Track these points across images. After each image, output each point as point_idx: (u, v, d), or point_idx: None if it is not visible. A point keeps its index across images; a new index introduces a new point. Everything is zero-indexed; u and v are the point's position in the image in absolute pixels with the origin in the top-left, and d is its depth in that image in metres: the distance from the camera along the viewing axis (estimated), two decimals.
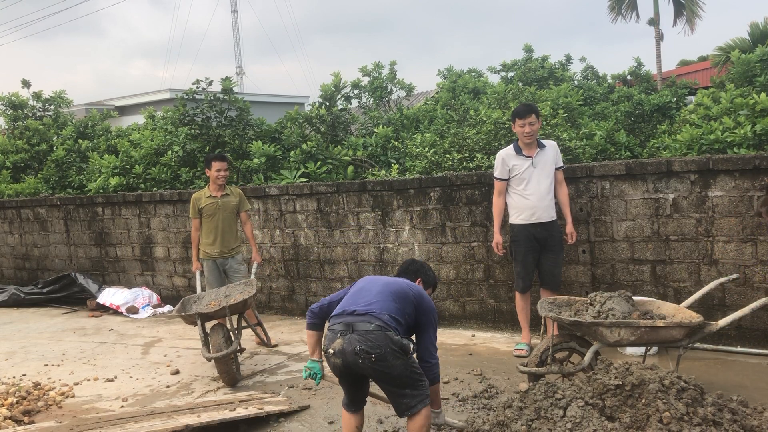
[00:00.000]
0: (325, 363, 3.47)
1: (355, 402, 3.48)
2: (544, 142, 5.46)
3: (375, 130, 9.01)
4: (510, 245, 5.59)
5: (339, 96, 9.74)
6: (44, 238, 10.00)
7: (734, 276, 4.55)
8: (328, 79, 9.64)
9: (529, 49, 13.89)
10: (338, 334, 3.23)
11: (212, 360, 5.19)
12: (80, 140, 11.04)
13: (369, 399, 3.61)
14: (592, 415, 3.16)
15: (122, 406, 4.90)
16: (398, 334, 3.23)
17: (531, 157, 5.35)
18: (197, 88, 8.99)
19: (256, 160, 8.49)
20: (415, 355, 3.35)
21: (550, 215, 5.38)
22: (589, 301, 4.15)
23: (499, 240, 5.55)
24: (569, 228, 5.48)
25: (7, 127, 12.01)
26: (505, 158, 5.43)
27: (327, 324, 3.41)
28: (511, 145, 5.51)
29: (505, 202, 5.54)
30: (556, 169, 5.45)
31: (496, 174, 5.50)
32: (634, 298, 4.20)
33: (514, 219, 5.47)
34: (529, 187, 5.35)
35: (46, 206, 9.89)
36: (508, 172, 5.43)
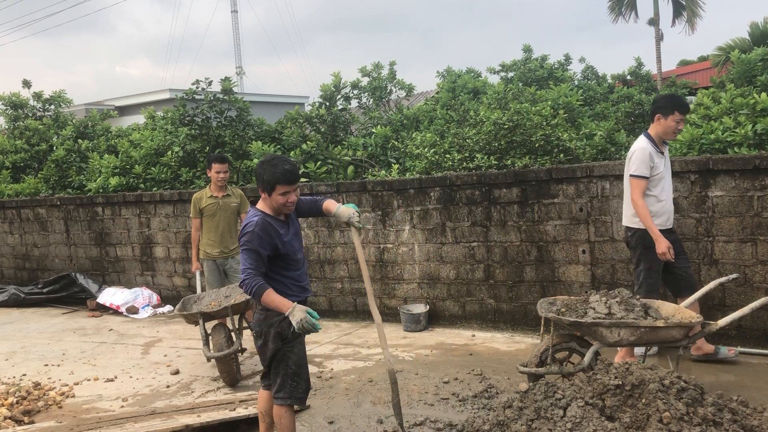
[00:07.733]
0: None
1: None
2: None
3: (375, 130, 9.00)
4: (640, 253, 4.72)
5: (339, 96, 9.74)
6: (44, 238, 10.00)
7: (734, 276, 4.55)
8: (329, 79, 9.64)
9: (528, 50, 13.89)
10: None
11: (213, 360, 5.19)
12: (80, 140, 11.02)
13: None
14: (592, 415, 3.15)
15: (122, 406, 4.90)
16: None
17: (663, 154, 4.70)
18: (197, 88, 8.99)
19: (256, 161, 8.49)
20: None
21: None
22: (588, 301, 4.15)
23: (668, 243, 4.53)
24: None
25: (7, 126, 12.00)
26: (652, 154, 4.60)
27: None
28: (644, 138, 4.69)
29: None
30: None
31: (639, 172, 4.59)
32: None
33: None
34: (666, 189, 4.70)
35: (46, 206, 9.89)
36: (650, 170, 4.60)
